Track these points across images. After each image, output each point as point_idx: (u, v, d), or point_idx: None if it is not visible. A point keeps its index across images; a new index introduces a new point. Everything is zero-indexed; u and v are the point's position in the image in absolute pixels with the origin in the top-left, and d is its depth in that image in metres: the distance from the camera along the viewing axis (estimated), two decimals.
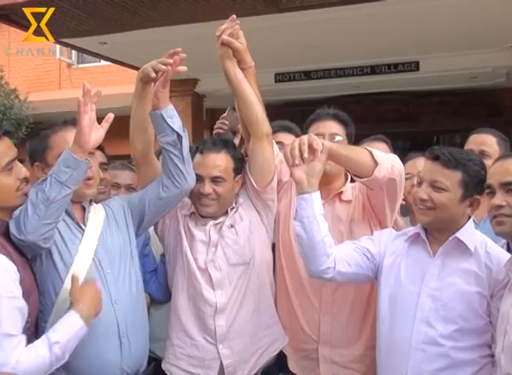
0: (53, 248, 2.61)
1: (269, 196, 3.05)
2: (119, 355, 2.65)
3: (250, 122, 2.99)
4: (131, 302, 2.74)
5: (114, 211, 2.86)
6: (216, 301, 2.87)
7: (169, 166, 2.81)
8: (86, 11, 6.63)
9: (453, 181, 2.54)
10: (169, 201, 2.89)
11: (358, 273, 2.73)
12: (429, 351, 2.52)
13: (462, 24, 6.94)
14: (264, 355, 2.97)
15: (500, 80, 9.06)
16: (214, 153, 2.98)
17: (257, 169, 3.01)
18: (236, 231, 2.97)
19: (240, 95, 2.98)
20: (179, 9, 6.50)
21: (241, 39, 2.95)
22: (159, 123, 2.78)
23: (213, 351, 2.87)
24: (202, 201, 2.94)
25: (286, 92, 9.56)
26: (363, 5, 6.24)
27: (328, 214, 2.94)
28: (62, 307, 2.54)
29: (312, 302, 2.97)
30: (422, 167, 2.72)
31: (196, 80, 9.74)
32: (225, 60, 2.95)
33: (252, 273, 2.95)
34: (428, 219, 2.58)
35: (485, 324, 2.50)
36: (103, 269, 2.69)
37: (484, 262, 2.53)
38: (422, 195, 2.57)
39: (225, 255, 2.92)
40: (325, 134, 3.00)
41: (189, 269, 2.93)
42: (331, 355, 2.94)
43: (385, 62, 8.98)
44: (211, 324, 2.87)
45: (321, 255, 2.65)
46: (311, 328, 2.97)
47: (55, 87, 14.00)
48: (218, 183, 2.94)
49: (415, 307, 2.58)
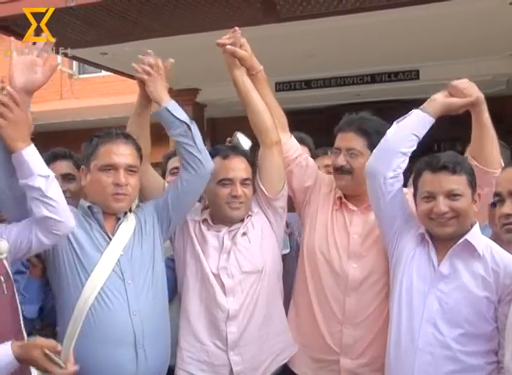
0: (76, 255, 2.69)
1: (280, 204, 3.07)
2: (135, 365, 2.66)
3: (260, 130, 3.01)
4: (151, 314, 2.74)
5: (143, 220, 2.88)
6: (228, 307, 2.87)
7: (185, 156, 2.85)
8: (87, 22, 6.64)
9: (464, 185, 2.56)
10: (190, 192, 2.90)
11: (395, 210, 2.76)
12: (437, 353, 2.51)
13: (462, 33, 6.95)
14: (274, 363, 2.97)
15: (500, 87, 9.04)
16: (238, 157, 3.02)
17: (268, 177, 3.03)
18: (249, 239, 2.98)
19: (249, 104, 3.01)
20: (179, 20, 6.51)
21: (245, 47, 3.00)
22: (166, 117, 2.85)
23: (223, 357, 2.87)
24: (232, 204, 2.95)
25: (286, 101, 9.47)
26: (362, 15, 6.25)
27: (360, 221, 3.01)
28: (81, 313, 2.61)
29: (335, 313, 2.95)
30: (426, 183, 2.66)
31: (197, 90, 9.74)
32: (233, 69, 3.00)
33: (264, 281, 2.95)
34: (452, 228, 2.57)
35: (492, 330, 2.48)
36: (124, 280, 2.71)
37: (491, 267, 2.52)
38: (444, 209, 2.54)
39: (238, 262, 2.93)
40: (341, 149, 3.01)
41: (202, 273, 2.93)
42: (352, 366, 2.92)
43: (386, 70, 8.98)
44: (223, 330, 2.87)
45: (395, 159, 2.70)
46: (333, 339, 2.95)
47: (57, 97, 13.99)
48: (246, 185, 2.98)
49: (423, 307, 2.57)
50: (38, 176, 2.42)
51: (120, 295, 2.68)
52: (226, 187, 2.95)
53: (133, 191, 2.81)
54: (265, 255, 2.99)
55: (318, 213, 3.09)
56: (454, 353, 2.49)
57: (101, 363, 2.62)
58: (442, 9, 6.16)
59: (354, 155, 2.97)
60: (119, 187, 2.73)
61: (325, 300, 2.98)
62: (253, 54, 3.03)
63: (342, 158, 2.98)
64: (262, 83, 3.10)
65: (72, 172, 3.22)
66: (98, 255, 2.71)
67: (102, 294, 2.66)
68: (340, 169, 2.99)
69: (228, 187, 2.95)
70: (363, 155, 2.95)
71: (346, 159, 2.97)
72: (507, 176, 2.31)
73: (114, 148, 2.77)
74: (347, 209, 3.05)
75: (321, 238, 3.03)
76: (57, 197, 2.46)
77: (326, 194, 3.13)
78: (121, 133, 2.84)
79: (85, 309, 2.63)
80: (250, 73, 3.05)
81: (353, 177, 2.97)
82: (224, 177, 2.96)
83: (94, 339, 2.63)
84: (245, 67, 3.03)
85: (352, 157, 2.97)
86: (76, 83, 14.11)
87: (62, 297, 2.73)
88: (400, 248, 2.75)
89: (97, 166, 2.76)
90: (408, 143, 2.70)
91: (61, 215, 2.47)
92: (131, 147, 2.82)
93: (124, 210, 2.84)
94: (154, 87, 2.92)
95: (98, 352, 2.62)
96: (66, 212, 2.50)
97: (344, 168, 2.97)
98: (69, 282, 2.69)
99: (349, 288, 2.92)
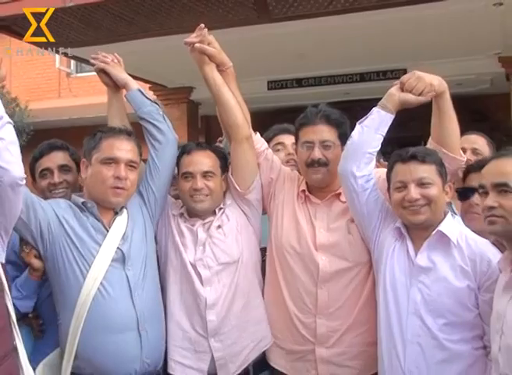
0: (75, 249, 2.72)
1: (253, 196, 3.08)
2: (139, 347, 2.72)
3: (230, 126, 3.02)
4: (150, 297, 2.82)
5: (133, 212, 2.93)
6: (206, 296, 2.90)
7: (153, 132, 3.00)
8: (84, 22, 6.62)
9: (434, 174, 2.61)
10: (163, 163, 3.00)
11: (371, 208, 2.80)
12: (425, 344, 2.54)
13: (447, 33, 6.95)
14: (255, 349, 2.99)
15: (485, 86, 9.08)
16: (201, 151, 3.04)
17: (239, 171, 3.04)
18: (224, 232, 3.00)
19: (219, 100, 3.02)
20: (175, 20, 6.49)
21: (213, 44, 3.01)
22: (138, 97, 3.03)
23: (204, 344, 2.90)
24: (195, 197, 2.97)
25: (278, 99, 9.57)
26: (351, 15, 6.24)
27: (324, 214, 3.00)
28: (84, 307, 2.65)
29: (307, 304, 2.93)
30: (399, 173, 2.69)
31: (191, 88, 9.73)
32: (203, 66, 3.02)
33: (241, 271, 2.97)
34: (424, 215, 2.60)
35: (475, 317, 2.51)
36: (124, 268, 2.76)
37: (467, 255, 2.55)
38: (415, 196, 2.58)
39: (214, 254, 2.95)
40: (314, 142, 2.95)
41: (182, 264, 2.97)
42: (328, 355, 2.91)
43: (374, 69, 8.99)
44: (203, 318, 2.89)
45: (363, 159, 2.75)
46: (307, 330, 2.94)
47: (55, 95, 13.98)
48: (208, 178, 2.99)
49: (407, 299, 2.60)
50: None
51: (121, 283, 2.73)
52: (188, 181, 2.99)
53: (131, 185, 2.85)
54: (241, 247, 3.01)
55: (284, 207, 3.08)
56: (441, 342, 2.52)
57: (107, 350, 2.67)
58: (428, 11, 6.16)
59: (328, 147, 2.94)
60: (118, 181, 2.77)
61: (297, 292, 2.96)
62: (222, 51, 3.05)
63: (318, 151, 2.94)
64: (231, 79, 3.10)
65: (69, 163, 3.21)
66: (97, 247, 2.74)
67: (104, 284, 2.70)
68: (317, 162, 2.94)
69: (190, 181, 2.99)
70: (336, 145, 2.95)
71: (321, 152, 2.94)
72: (491, 169, 2.31)
73: (117, 143, 2.81)
74: (311, 203, 3.04)
75: (289, 232, 3.01)
76: (8, 137, 2.23)
77: (290, 188, 3.12)
78: (124, 130, 2.90)
79: (88, 301, 2.65)
80: (220, 69, 3.06)
81: (328, 169, 2.95)
82: (185, 171, 3.01)
83: (99, 328, 2.67)
84: (215, 63, 3.03)
85: (326, 149, 2.94)
86: (74, 82, 14.09)
87: (62, 292, 2.75)
88: (380, 244, 2.78)
89: (99, 159, 2.80)
90: (374, 143, 2.76)
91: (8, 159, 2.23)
92: (133, 143, 2.87)
93: (121, 205, 2.87)
94: (117, 72, 3.09)
95: (104, 341, 2.66)
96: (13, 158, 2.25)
97: (321, 161, 2.94)
98: (69, 276, 2.71)
99: (320, 280, 2.90)
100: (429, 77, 2.74)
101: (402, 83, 2.75)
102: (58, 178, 3.12)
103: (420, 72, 2.75)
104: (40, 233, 2.70)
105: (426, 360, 2.53)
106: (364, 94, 9.23)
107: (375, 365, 2.79)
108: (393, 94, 2.75)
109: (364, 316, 2.88)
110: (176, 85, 9.25)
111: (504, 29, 6.90)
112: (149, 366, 2.75)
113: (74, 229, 2.75)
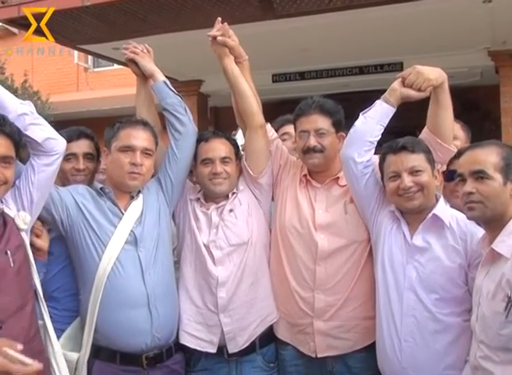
0: (92, 230, 2.76)
1: (265, 180, 3.09)
2: (150, 323, 2.75)
3: (247, 114, 3.04)
4: (161, 277, 2.84)
5: (149, 197, 2.95)
6: (218, 275, 2.93)
7: (175, 123, 3.00)
8: (100, 19, 6.64)
9: (423, 162, 2.64)
10: (183, 153, 3.00)
11: (369, 192, 2.82)
12: (419, 316, 2.58)
13: (441, 29, 6.93)
14: (262, 324, 3.01)
15: (475, 78, 9.06)
16: (217, 139, 3.06)
17: (253, 157, 3.06)
18: (236, 215, 3.02)
19: (237, 90, 3.04)
20: (185, 17, 6.49)
21: (233, 37, 3.03)
22: (163, 89, 3.02)
23: (215, 318, 2.93)
24: (214, 180, 3.00)
25: (282, 91, 9.54)
26: (351, 12, 6.24)
27: (323, 197, 3.01)
28: (100, 282, 2.69)
29: (306, 280, 2.95)
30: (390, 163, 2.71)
31: (201, 81, 9.72)
32: (224, 58, 3.04)
33: (250, 252, 3.00)
34: (419, 201, 2.63)
35: (464, 293, 2.54)
36: (137, 249, 2.79)
37: (458, 235, 2.59)
38: (408, 184, 2.61)
39: (226, 236, 2.97)
40: (309, 131, 2.96)
41: (196, 245, 3.00)
42: (325, 328, 2.93)
43: (373, 63, 8.96)
44: (214, 295, 2.92)
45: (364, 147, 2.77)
46: (306, 304, 2.95)
47: (74, 89, 13.98)
48: (226, 163, 3.02)
49: (403, 276, 2.64)
50: (21, 104, 2.47)
51: (133, 263, 2.76)
52: (208, 166, 3.01)
53: (146, 171, 2.87)
54: (251, 229, 3.03)
55: (288, 191, 3.09)
56: (434, 315, 2.56)
57: (121, 324, 2.71)
58: (423, 7, 6.14)
59: (323, 135, 2.94)
60: (134, 167, 2.80)
61: (297, 269, 2.98)
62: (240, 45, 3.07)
63: (313, 139, 2.94)
64: (247, 70, 3.13)
65: (93, 152, 3.20)
66: (113, 229, 2.78)
67: (118, 264, 2.74)
68: (313, 150, 2.94)
69: (209, 166, 3.01)
70: (330, 132, 2.96)
71: (316, 140, 2.95)
72: (468, 158, 2.33)
73: (133, 132, 2.84)
74: (311, 186, 3.06)
75: (292, 214, 3.03)
76: (42, 119, 2.52)
77: (294, 175, 3.14)
78: (140, 121, 2.93)
79: (103, 278, 2.70)
80: (238, 60, 3.08)
81: (323, 155, 2.95)
82: (205, 157, 3.03)
83: (112, 303, 2.71)
84: (233, 56, 3.06)
85: (321, 136, 2.94)
86: (91, 76, 14.09)
87: (81, 269, 2.80)
88: (378, 224, 2.81)
89: (117, 147, 2.84)
90: (375, 132, 2.77)
91: (54, 134, 2.54)
92: (148, 133, 2.90)
93: (137, 188, 2.91)
94: (145, 63, 3.09)
95: (117, 315, 2.71)
96: (54, 132, 2.56)
97: (316, 148, 2.94)
98: (86, 255, 2.76)
99: (318, 258, 2.91)
100: (428, 71, 2.73)
101: (403, 78, 2.75)
102: (82, 165, 3.12)
103: (420, 66, 2.74)
104: (60, 217, 2.76)
105: (420, 330, 2.57)
106: (363, 86, 9.22)
107: (369, 337, 2.84)
108: (395, 89, 2.76)
109: (359, 292, 2.90)
110: (186, 78, 9.23)
111: (493, 25, 6.90)
112: (160, 340, 2.78)
113: (92, 213, 2.79)
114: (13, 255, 2.30)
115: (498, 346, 2.14)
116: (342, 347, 2.93)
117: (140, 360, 2.75)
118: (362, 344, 2.91)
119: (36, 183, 2.48)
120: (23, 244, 2.40)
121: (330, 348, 2.93)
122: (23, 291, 2.33)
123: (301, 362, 3.02)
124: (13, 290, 2.26)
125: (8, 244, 2.30)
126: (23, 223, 2.42)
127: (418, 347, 2.57)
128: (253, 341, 2.99)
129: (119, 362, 2.75)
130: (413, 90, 2.73)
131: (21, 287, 2.32)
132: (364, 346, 2.90)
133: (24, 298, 2.32)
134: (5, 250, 2.27)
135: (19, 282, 2.31)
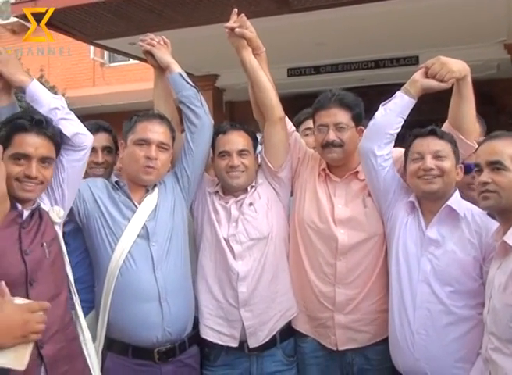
0: (106, 223, 2.78)
1: (285, 174, 3.07)
2: (160, 317, 2.74)
3: (266, 107, 3.01)
4: (173, 272, 2.82)
5: (164, 190, 2.95)
6: (238, 270, 2.91)
7: (190, 116, 2.98)
8: (117, 14, 6.66)
9: (449, 150, 2.64)
10: (199, 146, 2.99)
11: (387, 185, 2.81)
12: (433, 309, 2.58)
13: (457, 22, 6.89)
14: (282, 319, 3.00)
15: (491, 71, 8.96)
16: (235, 131, 3.04)
17: (272, 150, 3.03)
18: (255, 209, 3.00)
19: (256, 82, 3.00)
20: (201, 12, 6.50)
21: (250, 28, 3.01)
22: (178, 81, 3.00)
23: (236, 313, 2.92)
24: (231, 173, 2.97)
25: (297, 85, 9.53)
26: (366, 5, 6.22)
27: (343, 191, 3.00)
28: (113, 274, 2.71)
29: (327, 275, 2.94)
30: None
31: (216, 76, 9.74)
32: (242, 50, 3.01)
33: (270, 246, 2.98)
34: (437, 185, 2.62)
35: (479, 286, 2.53)
36: (149, 243, 2.78)
37: (474, 229, 2.58)
38: (430, 165, 2.61)
39: (246, 230, 2.95)
40: (329, 125, 2.93)
41: (216, 239, 2.98)
42: (346, 321, 2.93)
43: (388, 56, 8.93)
44: (235, 290, 2.91)
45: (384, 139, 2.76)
46: (326, 298, 2.95)
47: (90, 84, 14.04)
48: (244, 156, 2.99)
49: (418, 268, 2.63)
50: (53, 99, 2.51)
51: (145, 257, 2.76)
52: (225, 159, 2.99)
53: (162, 166, 2.86)
54: (271, 223, 3.00)
55: (307, 185, 3.07)
56: (448, 307, 2.56)
57: (132, 317, 2.71)
58: (439, 1, 6.11)
59: (342, 129, 2.91)
60: (149, 160, 2.79)
61: (317, 264, 2.96)
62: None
63: (332, 133, 2.90)
64: (264, 62, 3.09)
65: (111, 145, 3.23)
66: (126, 223, 2.78)
67: (129, 257, 2.74)
68: (332, 144, 2.91)
69: (226, 159, 2.99)
70: (349, 127, 2.92)
71: (335, 134, 2.91)
72: (485, 148, 2.34)
73: (149, 126, 2.84)
74: (331, 181, 3.03)
75: (311, 208, 3.01)
76: (73, 114, 2.56)
77: (312, 168, 3.11)
78: (157, 114, 2.92)
79: (116, 271, 2.71)
80: (255, 52, 3.05)
81: (343, 149, 2.92)
82: (222, 150, 3.01)
83: (124, 297, 2.72)
84: (251, 47, 3.03)
85: (340, 131, 2.91)
86: (107, 71, 14.13)
87: (96, 262, 2.83)
88: (394, 217, 2.80)
89: (133, 140, 2.84)
90: (396, 125, 2.75)
91: (83, 129, 2.58)
92: (165, 126, 2.88)
93: (152, 183, 2.90)
94: (161, 55, 3.09)
95: (128, 308, 2.71)
96: (83, 127, 2.60)
97: (335, 142, 2.90)
98: (100, 248, 2.78)
99: (339, 253, 2.90)
100: (452, 62, 2.71)
101: (426, 68, 2.73)
102: (101, 158, 3.15)
103: (444, 57, 2.72)
104: (77, 209, 2.79)
105: (433, 323, 2.57)
106: (379, 79, 9.19)
107: (387, 330, 2.82)
108: (416, 81, 2.74)
109: (379, 285, 2.90)
110: (202, 73, 9.25)
111: (509, 17, 6.83)
112: (171, 334, 2.77)
113: (107, 206, 2.81)
114: (49, 246, 2.35)
115: (508, 338, 2.15)
116: (361, 339, 2.94)
117: (151, 355, 2.74)
118: (381, 336, 2.90)
119: (66, 178, 2.51)
120: (57, 236, 2.45)
121: (350, 340, 2.94)
122: (57, 280, 2.38)
123: (321, 354, 3.02)
124: (49, 280, 2.32)
125: (44, 237, 2.35)
126: (57, 216, 2.47)
127: (431, 339, 2.57)
128: (273, 336, 2.98)
129: (131, 356, 2.75)
130: (435, 80, 2.71)
131: (56, 278, 2.37)
132: (382, 338, 2.90)
133: (59, 287, 2.38)
134: (42, 242, 2.32)
135: (54, 272, 2.37)
